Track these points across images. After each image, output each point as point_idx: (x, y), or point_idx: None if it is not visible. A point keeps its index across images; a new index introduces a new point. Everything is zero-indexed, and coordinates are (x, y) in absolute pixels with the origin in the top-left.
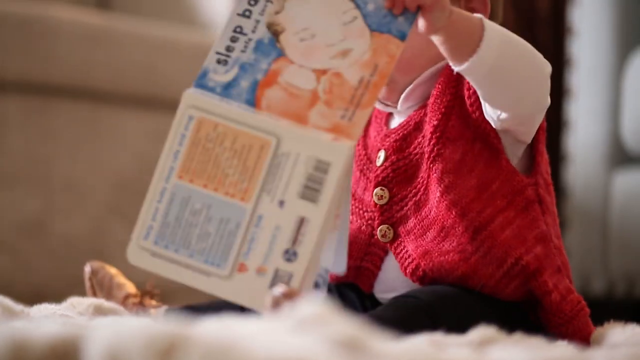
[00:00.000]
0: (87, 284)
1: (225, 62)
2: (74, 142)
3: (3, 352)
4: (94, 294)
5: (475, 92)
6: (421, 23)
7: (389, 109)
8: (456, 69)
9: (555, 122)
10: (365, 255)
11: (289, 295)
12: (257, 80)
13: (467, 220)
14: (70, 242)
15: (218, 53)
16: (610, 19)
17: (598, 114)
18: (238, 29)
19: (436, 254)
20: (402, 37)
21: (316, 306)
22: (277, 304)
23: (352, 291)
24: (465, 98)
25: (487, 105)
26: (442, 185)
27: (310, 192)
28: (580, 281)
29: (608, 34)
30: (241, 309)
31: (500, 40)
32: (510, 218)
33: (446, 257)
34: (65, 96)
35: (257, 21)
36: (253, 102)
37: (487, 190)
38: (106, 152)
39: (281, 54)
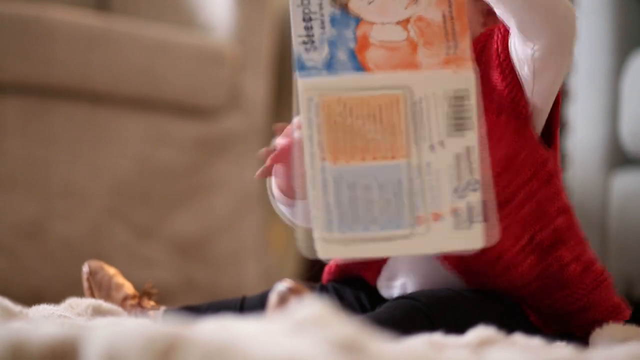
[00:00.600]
0: (85, 284)
1: (312, 42)
2: (72, 144)
3: (2, 353)
4: (92, 295)
5: (505, 49)
6: None
7: None
8: None
9: None
10: None
11: (296, 291)
12: (352, 49)
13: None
14: (69, 245)
15: (300, 36)
16: (608, 22)
17: (597, 116)
18: (306, 11)
19: None
20: None
21: (314, 307)
22: (283, 300)
23: (350, 290)
24: (494, 58)
25: (520, 40)
26: None
27: (461, 122)
28: None
29: (607, 37)
30: (240, 310)
31: None
32: (533, 190)
33: None
34: (63, 98)
35: (320, 1)
36: (361, 67)
37: (516, 160)
38: (105, 154)
39: (359, 20)
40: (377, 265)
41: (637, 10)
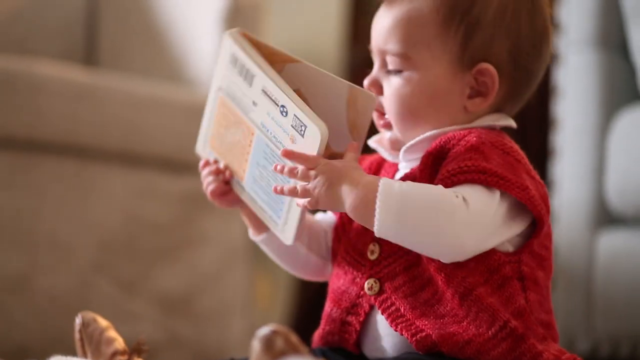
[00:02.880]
0: (77, 336)
1: None
2: (59, 198)
3: None
4: (82, 347)
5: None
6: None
7: (396, 160)
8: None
9: None
10: (352, 307)
11: (281, 334)
12: None
13: (453, 287)
14: (55, 299)
15: None
16: (595, 80)
17: (583, 174)
18: None
19: (432, 317)
20: None
21: None
22: (269, 343)
23: (337, 355)
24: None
25: None
26: None
27: None
28: (565, 342)
29: (593, 95)
30: None
31: (397, 203)
32: (489, 293)
33: (442, 320)
34: (50, 153)
35: None
36: None
37: (465, 266)
38: (91, 208)
39: None
40: (351, 337)
41: (623, 69)
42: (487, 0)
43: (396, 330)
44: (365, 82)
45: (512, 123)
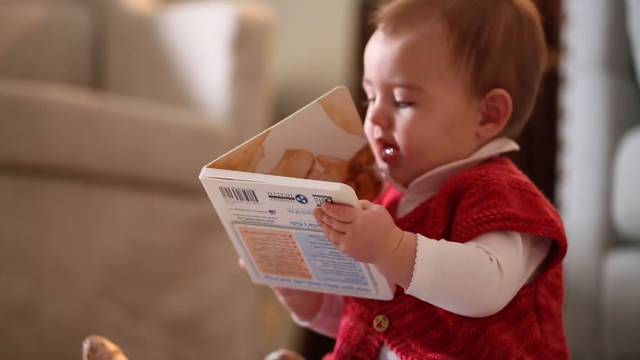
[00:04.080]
0: None
1: None
2: (64, 224)
3: None
4: None
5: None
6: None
7: (400, 189)
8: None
9: None
10: (362, 343)
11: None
12: None
13: (464, 327)
14: (60, 325)
15: None
16: (602, 103)
17: (591, 197)
18: None
19: (444, 354)
20: None
21: None
22: None
23: None
24: (452, 227)
25: None
26: None
27: None
28: None
29: (601, 118)
30: None
31: (434, 270)
32: (503, 328)
33: (454, 357)
34: (56, 178)
35: None
36: None
37: None
38: (97, 234)
39: None
40: None
41: (631, 92)
42: (495, 25)
43: None
44: (370, 115)
45: (516, 146)
